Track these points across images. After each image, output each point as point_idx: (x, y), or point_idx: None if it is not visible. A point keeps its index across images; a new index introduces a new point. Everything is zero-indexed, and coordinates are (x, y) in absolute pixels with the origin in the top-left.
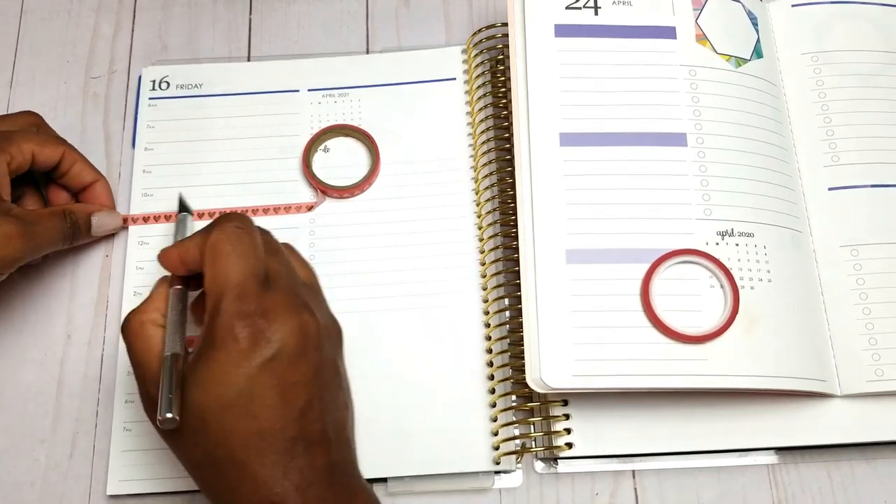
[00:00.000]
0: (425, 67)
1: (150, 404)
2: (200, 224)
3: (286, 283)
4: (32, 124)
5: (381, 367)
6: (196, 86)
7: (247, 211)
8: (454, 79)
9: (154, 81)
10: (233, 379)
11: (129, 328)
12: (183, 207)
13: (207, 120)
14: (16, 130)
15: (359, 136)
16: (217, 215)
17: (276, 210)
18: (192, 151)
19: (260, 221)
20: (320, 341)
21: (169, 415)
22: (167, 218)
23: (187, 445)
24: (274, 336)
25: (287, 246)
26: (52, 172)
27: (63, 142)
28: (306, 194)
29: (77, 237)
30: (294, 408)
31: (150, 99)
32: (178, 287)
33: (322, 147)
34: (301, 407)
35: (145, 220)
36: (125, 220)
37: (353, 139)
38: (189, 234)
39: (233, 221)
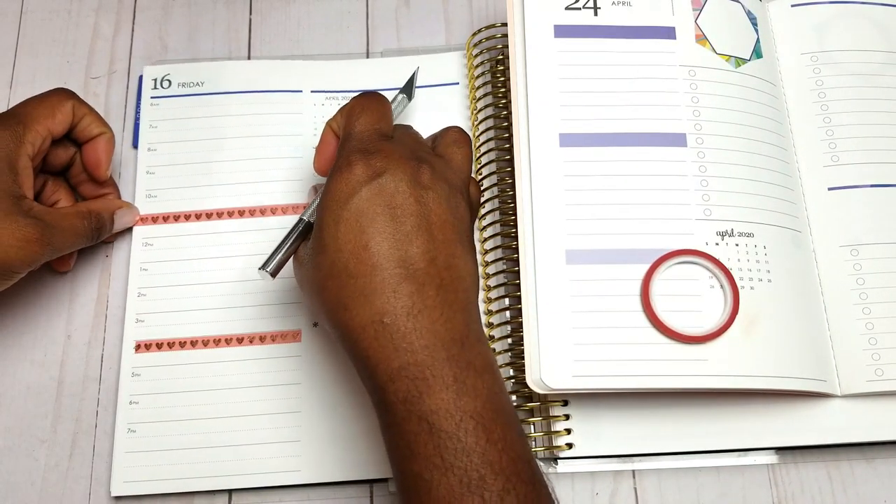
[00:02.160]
0: (428, 72)
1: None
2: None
3: (408, 143)
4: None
5: None
6: (198, 84)
7: (251, 211)
8: (456, 83)
9: (155, 80)
10: (345, 196)
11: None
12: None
13: (210, 119)
14: (26, 108)
15: None
16: (223, 214)
17: (284, 210)
18: (196, 151)
19: (264, 222)
20: (433, 187)
21: (268, 269)
22: (175, 218)
23: (313, 267)
24: (384, 166)
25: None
26: (79, 146)
27: (68, 95)
28: (308, 195)
29: (101, 235)
30: (401, 231)
31: (151, 98)
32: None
33: None
34: (408, 232)
35: (154, 220)
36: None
37: None
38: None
39: (366, 94)
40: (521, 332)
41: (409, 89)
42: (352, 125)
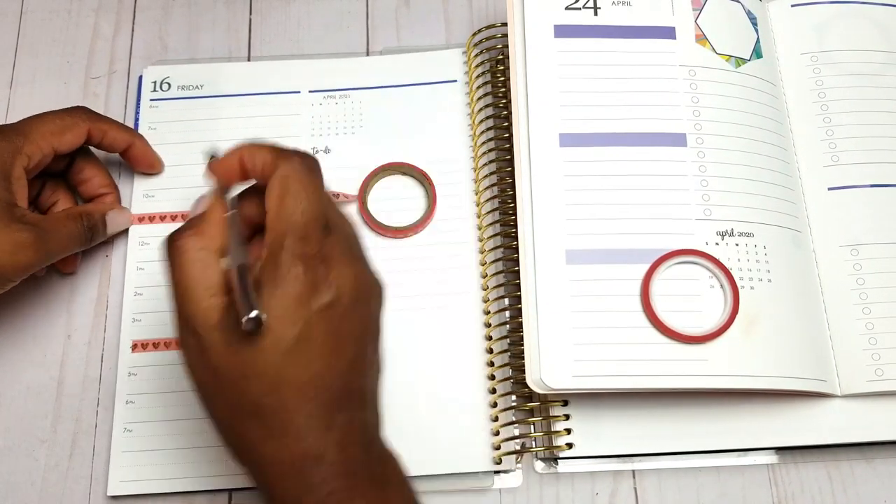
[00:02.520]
0: (427, 69)
1: (185, 331)
2: None
3: (345, 232)
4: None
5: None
6: (197, 87)
7: None
8: (455, 81)
9: (155, 83)
10: (294, 320)
11: (175, 248)
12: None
13: (208, 121)
14: (33, 123)
15: (416, 174)
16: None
17: None
18: (194, 153)
19: None
20: (371, 296)
21: (254, 313)
22: (172, 218)
23: (230, 392)
24: (333, 283)
25: (319, 166)
26: (80, 149)
27: (88, 117)
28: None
29: (95, 238)
30: (344, 359)
31: (151, 100)
32: (234, 212)
33: (324, 147)
34: (349, 359)
35: (151, 219)
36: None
37: (409, 177)
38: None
39: (303, 159)
40: (521, 332)
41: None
42: (291, 213)
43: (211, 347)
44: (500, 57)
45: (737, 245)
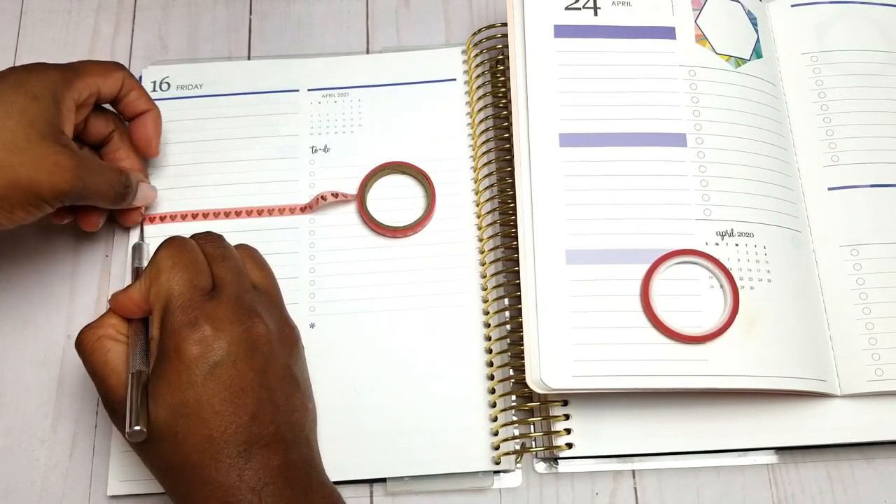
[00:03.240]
0: (426, 68)
1: (114, 416)
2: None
3: (232, 289)
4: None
5: (381, 367)
6: (196, 86)
7: (248, 212)
8: (454, 79)
9: (155, 82)
10: (182, 388)
11: (85, 344)
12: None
13: (208, 120)
14: (81, 63)
15: (415, 174)
16: (220, 214)
17: (281, 211)
18: (193, 152)
19: (260, 222)
20: (270, 346)
21: (137, 427)
22: (172, 218)
23: (151, 454)
24: (218, 343)
25: (244, 247)
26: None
27: (122, 68)
28: (306, 195)
29: (124, 199)
30: (244, 413)
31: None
32: (137, 321)
33: (323, 146)
34: (252, 411)
35: (151, 220)
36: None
37: (408, 177)
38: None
39: (172, 240)
40: (521, 332)
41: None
42: (167, 288)
43: (125, 420)
44: (500, 57)
45: (737, 245)
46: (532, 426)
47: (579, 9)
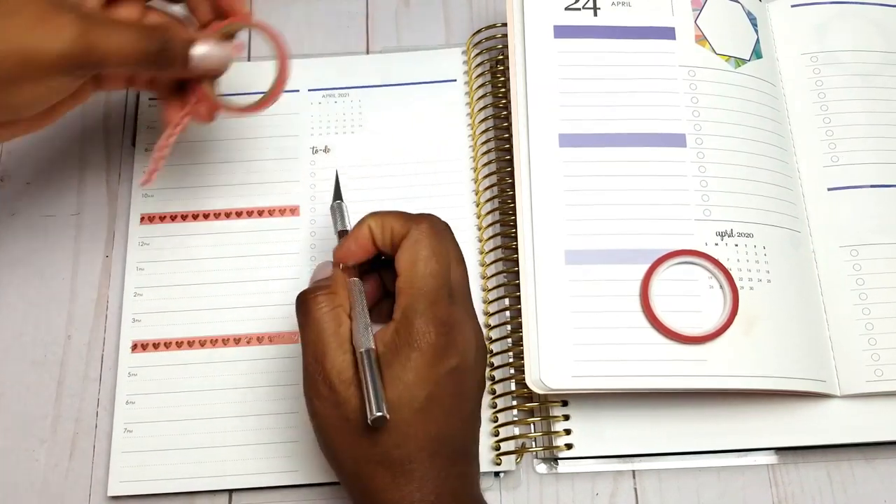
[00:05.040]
0: (426, 68)
1: (315, 386)
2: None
3: (463, 295)
4: None
5: None
6: None
7: (248, 212)
8: (454, 80)
9: None
10: (426, 381)
11: (310, 308)
12: (337, 195)
13: None
14: None
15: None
16: (220, 215)
17: (282, 211)
18: (192, 152)
19: (259, 222)
20: (485, 355)
21: (380, 413)
22: (172, 218)
23: (354, 442)
24: (459, 347)
25: (447, 228)
26: None
27: None
28: (306, 195)
29: (167, 64)
30: (462, 417)
31: (150, 99)
32: (358, 279)
33: (323, 147)
34: (466, 417)
35: (151, 219)
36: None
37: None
38: (347, 220)
39: (431, 223)
40: (521, 332)
41: (339, 193)
42: (423, 278)
43: (346, 402)
44: (500, 57)
45: (736, 245)
46: (532, 426)
47: (579, 9)
